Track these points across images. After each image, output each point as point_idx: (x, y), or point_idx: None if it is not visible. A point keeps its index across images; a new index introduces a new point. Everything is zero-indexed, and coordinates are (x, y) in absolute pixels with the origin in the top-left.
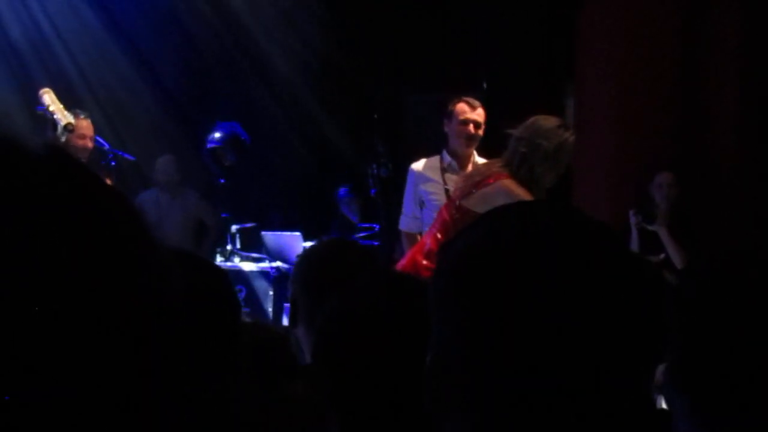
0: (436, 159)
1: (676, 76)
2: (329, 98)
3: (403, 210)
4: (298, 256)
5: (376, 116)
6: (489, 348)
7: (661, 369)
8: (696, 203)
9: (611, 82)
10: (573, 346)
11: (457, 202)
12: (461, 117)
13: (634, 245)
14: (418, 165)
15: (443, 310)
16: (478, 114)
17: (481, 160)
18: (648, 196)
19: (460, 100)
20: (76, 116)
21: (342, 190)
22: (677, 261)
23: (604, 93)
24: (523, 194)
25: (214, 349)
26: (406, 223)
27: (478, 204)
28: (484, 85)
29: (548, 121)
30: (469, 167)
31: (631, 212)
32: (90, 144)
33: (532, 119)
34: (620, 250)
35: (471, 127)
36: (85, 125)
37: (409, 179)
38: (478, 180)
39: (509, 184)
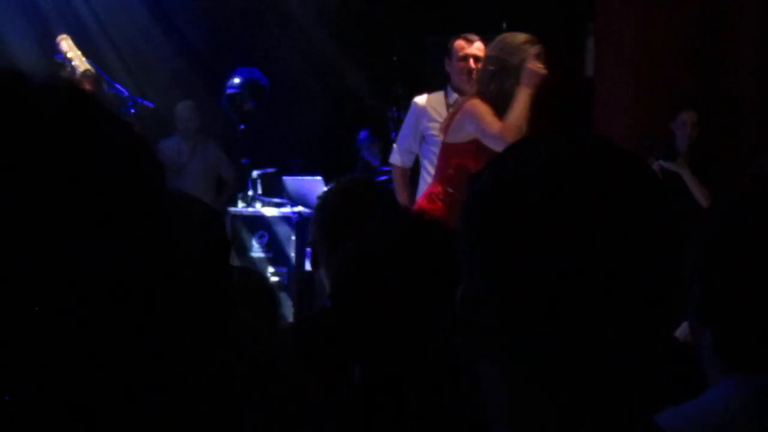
0: (440, 94)
1: (696, 15)
2: (347, 41)
3: (398, 143)
4: (318, 197)
5: (395, 58)
6: (518, 284)
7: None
8: (717, 143)
9: (632, 21)
10: (603, 284)
11: (443, 140)
12: (460, 53)
13: None
14: (421, 99)
15: (472, 245)
16: (477, 48)
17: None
18: (669, 135)
19: (458, 37)
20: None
21: (363, 134)
22: (702, 200)
23: (626, 32)
24: (486, 111)
25: (207, 291)
26: (398, 157)
27: (453, 134)
28: (504, 25)
29: (514, 38)
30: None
31: (642, 142)
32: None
33: (499, 37)
34: (652, 183)
35: (471, 62)
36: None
37: (411, 112)
38: (454, 111)
39: (474, 103)
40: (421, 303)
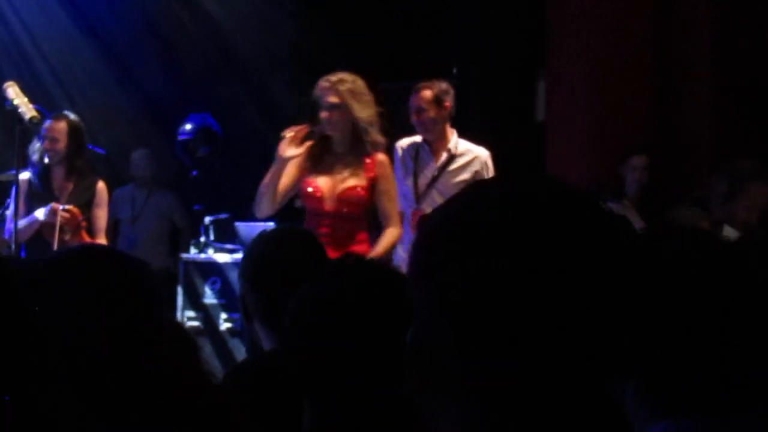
0: (415, 141)
1: (648, 61)
2: (301, 87)
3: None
4: (244, 250)
5: None
6: (471, 327)
7: None
8: (667, 187)
9: (583, 66)
10: (555, 322)
11: None
12: (411, 106)
13: None
14: (401, 143)
15: (422, 288)
16: (420, 98)
17: (462, 143)
18: (618, 178)
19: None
20: (55, 117)
21: None
22: None
23: (577, 77)
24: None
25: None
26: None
27: None
28: (454, 71)
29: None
30: (443, 151)
31: (590, 186)
32: (60, 146)
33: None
34: (604, 219)
35: (414, 116)
36: (56, 127)
37: (395, 157)
38: None
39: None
40: (377, 347)
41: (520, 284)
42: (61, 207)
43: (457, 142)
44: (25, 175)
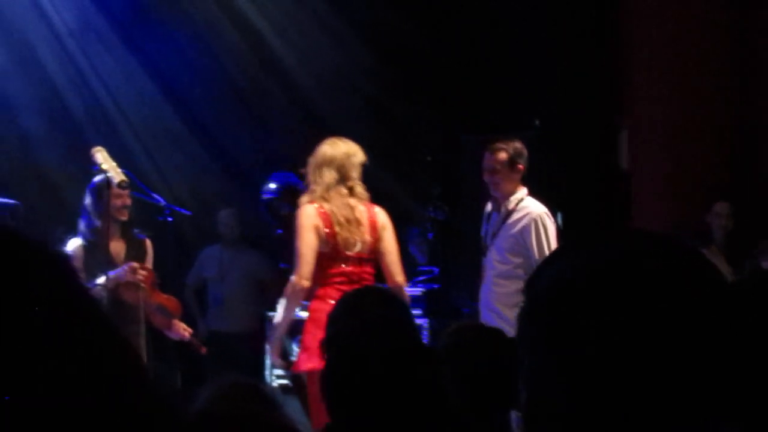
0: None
1: (729, 106)
2: (382, 141)
3: None
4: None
5: (429, 158)
6: (590, 390)
7: None
8: (752, 232)
9: (664, 113)
10: (676, 383)
11: None
12: (485, 165)
13: None
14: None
15: (536, 352)
16: (490, 159)
17: (526, 200)
18: (704, 226)
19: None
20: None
21: (414, 230)
22: None
23: (657, 124)
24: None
25: None
26: None
27: None
28: (537, 123)
29: None
30: (503, 208)
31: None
32: (128, 200)
33: None
34: (717, 281)
35: (486, 174)
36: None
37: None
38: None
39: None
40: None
41: (640, 344)
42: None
43: (518, 199)
44: (75, 242)
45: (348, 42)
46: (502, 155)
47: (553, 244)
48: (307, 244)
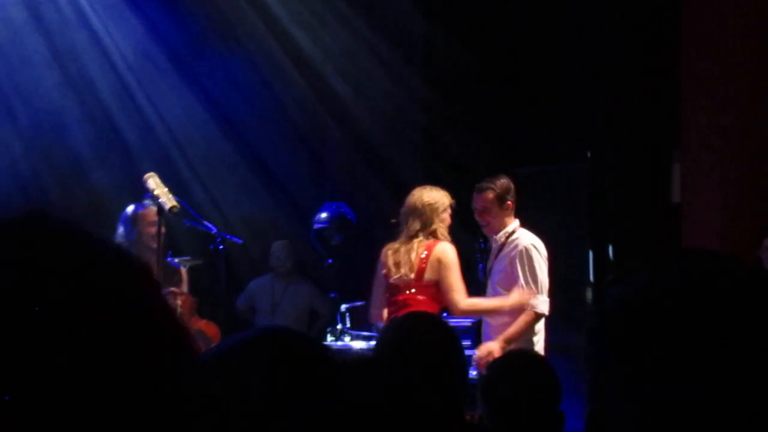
0: None
1: None
2: (434, 173)
3: None
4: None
5: None
6: (654, 405)
7: None
8: None
9: (717, 147)
10: (747, 400)
11: None
12: (475, 206)
13: None
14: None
15: (601, 367)
16: (479, 200)
17: (518, 232)
18: (755, 260)
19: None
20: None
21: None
22: None
23: (711, 158)
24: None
25: None
26: None
27: None
28: (588, 154)
29: None
30: (500, 242)
31: None
32: (162, 228)
33: None
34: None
35: (476, 215)
36: (155, 215)
37: None
38: None
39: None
40: None
41: (713, 364)
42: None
43: (508, 233)
44: None
45: (402, 74)
46: (490, 195)
47: (540, 275)
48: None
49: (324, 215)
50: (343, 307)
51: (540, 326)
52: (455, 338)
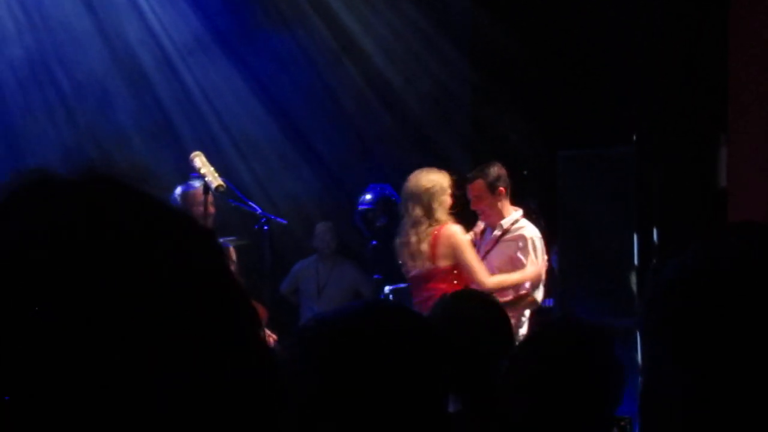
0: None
1: None
2: (479, 156)
3: None
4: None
5: (525, 173)
6: (710, 378)
7: None
8: None
9: (765, 132)
10: None
11: None
12: (469, 195)
13: None
14: (476, 229)
15: (656, 340)
16: (470, 190)
17: (521, 222)
18: None
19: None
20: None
21: None
22: None
23: (759, 141)
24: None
25: None
26: None
27: None
28: (634, 138)
29: None
30: (504, 227)
31: None
32: (211, 208)
33: None
34: None
35: (472, 205)
36: (199, 193)
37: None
38: None
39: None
40: None
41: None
42: None
43: (513, 219)
44: None
45: (448, 56)
46: (480, 183)
47: (540, 265)
48: None
49: (369, 197)
50: (387, 288)
51: (527, 314)
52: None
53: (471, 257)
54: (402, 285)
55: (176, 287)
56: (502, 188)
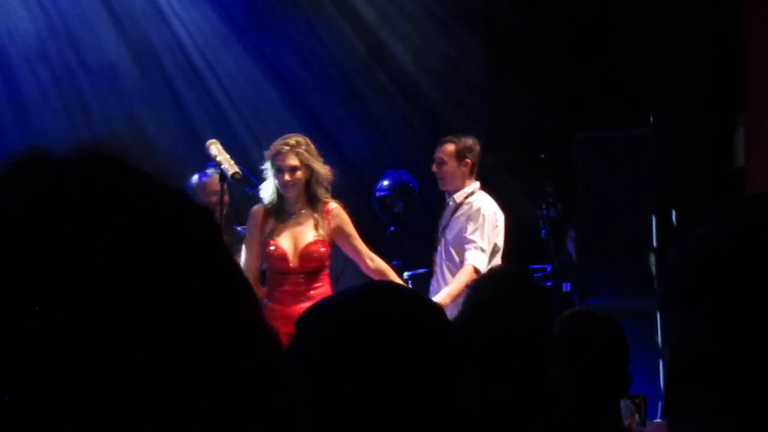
0: None
1: None
2: (495, 139)
3: None
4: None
5: (542, 156)
6: (743, 349)
7: None
8: None
9: None
10: None
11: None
12: (435, 157)
13: None
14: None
15: (689, 310)
16: (442, 150)
17: (479, 194)
18: None
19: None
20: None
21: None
22: None
23: None
24: None
25: None
26: None
27: None
28: (652, 119)
29: None
30: (457, 201)
31: None
32: (226, 196)
33: None
34: None
35: (434, 167)
36: (215, 181)
37: None
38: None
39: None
40: None
41: None
42: None
43: (467, 193)
44: None
45: (462, 38)
46: (450, 147)
47: (490, 236)
48: None
49: (386, 183)
50: (406, 274)
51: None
52: (545, 296)
53: None
54: (421, 270)
55: (172, 266)
56: (469, 160)
